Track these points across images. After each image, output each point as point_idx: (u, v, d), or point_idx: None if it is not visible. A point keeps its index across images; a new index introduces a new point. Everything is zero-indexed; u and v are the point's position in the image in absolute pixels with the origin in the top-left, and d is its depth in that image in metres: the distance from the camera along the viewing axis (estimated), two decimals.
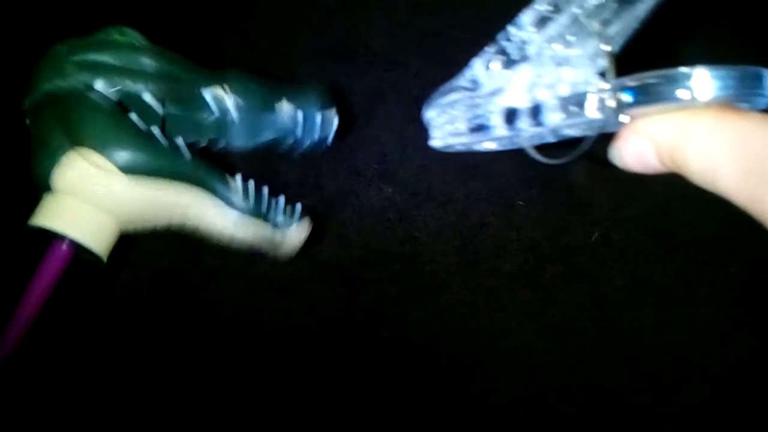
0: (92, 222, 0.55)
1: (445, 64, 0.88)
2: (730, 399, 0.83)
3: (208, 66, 0.61)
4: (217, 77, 0.60)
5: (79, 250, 0.56)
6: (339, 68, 0.90)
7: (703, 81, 0.26)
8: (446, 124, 0.38)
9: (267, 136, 0.65)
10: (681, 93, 0.26)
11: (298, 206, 0.62)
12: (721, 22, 0.86)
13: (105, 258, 0.57)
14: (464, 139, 0.37)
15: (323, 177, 0.88)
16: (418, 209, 0.87)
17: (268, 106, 0.62)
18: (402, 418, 0.86)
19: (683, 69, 0.26)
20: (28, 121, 0.59)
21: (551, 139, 0.35)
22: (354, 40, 0.90)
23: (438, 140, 0.39)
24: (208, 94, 0.60)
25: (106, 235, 0.56)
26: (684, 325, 0.84)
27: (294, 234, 0.61)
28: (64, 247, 0.55)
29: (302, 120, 0.63)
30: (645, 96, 0.27)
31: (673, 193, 0.84)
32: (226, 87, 0.59)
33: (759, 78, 0.27)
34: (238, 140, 0.65)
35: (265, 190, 0.60)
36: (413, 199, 0.87)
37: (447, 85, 0.38)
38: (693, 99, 0.26)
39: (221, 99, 0.60)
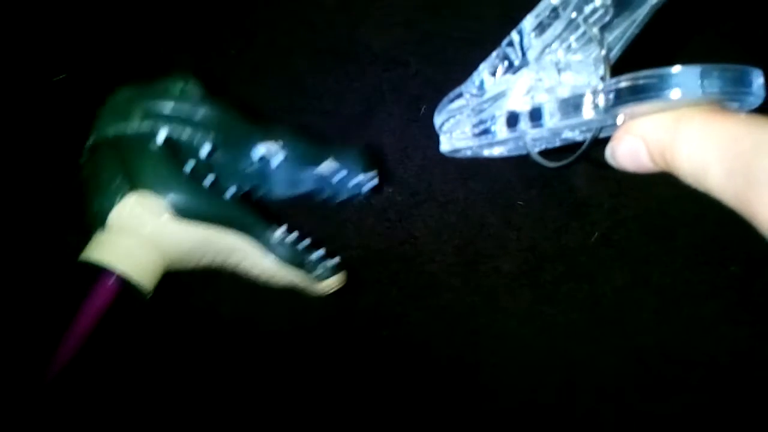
0: (142, 259, 0.59)
1: (445, 64, 0.89)
2: (731, 399, 0.83)
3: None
4: (266, 132, 0.64)
5: (125, 284, 0.59)
6: (339, 68, 0.90)
7: (691, 80, 0.27)
8: (454, 129, 0.38)
9: (306, 188, 0.70)
10: (670, 92, 0.27)
11: (335, 260, 0.65)
12: (722, 23, 0.86)
13: (150, 293, 0.61)
14: (471, 143, 0.37)
15: None
16: (418, 209, 0.87)
17: (315, 162, 0.65)
18: (402, 418, 0.86)
19: (673, 68, 0.27)
20: (83, 159, 0.63)
21: (556, 143, 0.35)
22: (354, 40, 0.90)
23: (446, 144, 0.40)
24: (261, 147, 0.64)
25: (154, 272, 0.60)
26: (684, 325, 0.84)
27: (327, 285, 0.65)
28: (113, 281, 0.59)
29: (343, 178, 0.67)
30: (636, 95, 0.28)
31: (673, 193, 0.84)
32: (279, 141, 0.64)
33: (747, 77, 0.27)
34: (278, 190, 0.70)
35: (306, 241, 0.64)
36: (413, 199, 0.87)
37: (455, 91, 0.38)
38: (682, 98, 0.27)
39: (266, 157, 0.65)
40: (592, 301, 0.85)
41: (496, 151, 0.39)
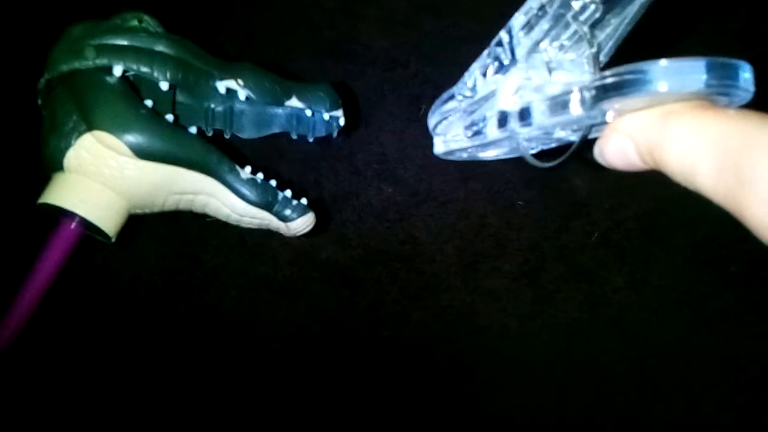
0: (102, 201, 0.56)
1: (445, 64, 0.89)
2: (730, 399, 0.82)
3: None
4: (230, 69, 0.61)
5: (88, 229, 0.57)
6: (339, 68, 0.90)
7: (678, 74, 0.26)
8: (447, 131, 0.38)
9: (273, 129, 0.68)
10: (657, 86, 0.26)
11: (303, 200, 0.63)
12: (717, 19, 0.86)
13: (114, 237, 0.58)
14: (464, 144, 0.37)
15: (323, 177, 0.88)
16: (418, 209, 0.87)
17: (278, 102, 0.63)
18: (402, 419, 0.86)
19: (660, 61, 0.26)
20: (39, 101, 0.60)
21: (551, 144, 0.35)
22: (354, 40, 0.90)
23: (440, 146, 0.40)
24: (221, 86, 0.60)
25: (116, 215, 0.57)
26: (684, 325, 0.84)
27: (298, 226, 0.62)
28: (74, 225, 0.56)
29: (309, 117, 0.65)
30: (621, 89, 0.27)
31: (673, 193, 0.83)
32: (240, 81, 0.60)
33: (735, 71, 0.26)
34: (245, 131, 0.69)
35: (273, 182, 0.61)
36: (413, 199, 0.87)
37: (447, 92, 0.38)
38: (669, 92, 0.26)
39: (233, 92, 0.61)
40: (592, 301, 0.85)
41: (491, 154, 0.39)
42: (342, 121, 0.67)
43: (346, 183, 0.88)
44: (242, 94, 0.61)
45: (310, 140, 0.68)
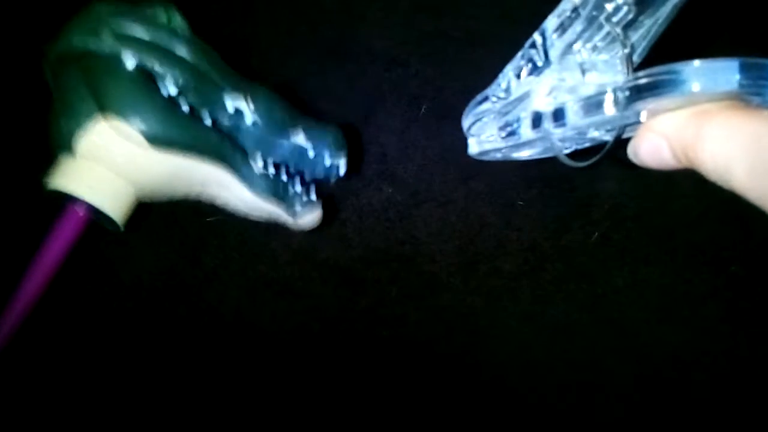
0: (112, 188, 0.54)
1: (445, 64, 0.89)
2: (730, 399, 0.83)
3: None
4: (243, 87, 0.60)
5: (96, 216, 0.56)
6: (339, 68, 0.89)
7: (711, 74, 0.26)
8: (481, 132, 0.39)
9: (275, 157, 0.66)
10: (690, 86, 0.27)
11: (313, 196, 0.63)
12: (749, 21, 0.86)
13: (122, 225, 0.57)
14: (498, 144, 0.38)
15: None
16: (418, 209, 0.87)
17: (282, 133, 0.62)
18: (402, 419, 0.86)
19: (693, 62, 0.26)
20: (47, 73, 0.58)
21: (584, 144, 0.35)
22: (354, 40, 0.90)
23: (475, 147, 0.40)
24: (230, 102, 0.59)
25: (125, 202, 0.56)
26: (684, 325, 0.85)
27: (307, 218, 0.62)
28: (81, 211, 0.55)
29: (310, 156, 0.64)
30: (655, 90, 0.27)
31: (673, 193, 0.84)
32: (250, 102, 0.59)
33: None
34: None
35: (284, 176, 0.61)
36: (413, 199, 0.87)
37: (482, 94, 0.38)
38: (702, 92, 0.27)
39: (240, 111, 0.60)
40: (592, 301, 0.86)
41: (525, 154, 0.39)
42: (342, 171, 0.66)
43: (346, 183, 0.88)
44: (249, 117, 0.60)
45: (307, 180, 0.66)
